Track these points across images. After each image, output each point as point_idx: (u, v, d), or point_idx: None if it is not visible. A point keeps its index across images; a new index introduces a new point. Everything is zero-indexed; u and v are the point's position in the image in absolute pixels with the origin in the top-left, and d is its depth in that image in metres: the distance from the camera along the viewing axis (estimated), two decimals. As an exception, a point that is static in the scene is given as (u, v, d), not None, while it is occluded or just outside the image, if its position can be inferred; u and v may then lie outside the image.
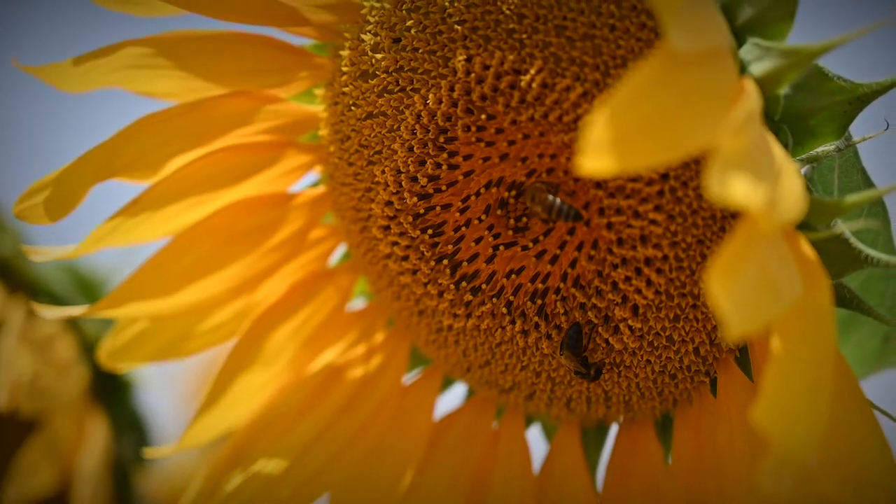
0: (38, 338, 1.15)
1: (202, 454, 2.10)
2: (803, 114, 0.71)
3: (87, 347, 1.19)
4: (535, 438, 0.90)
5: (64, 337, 1.17)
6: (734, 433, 0.73)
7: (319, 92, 0.84)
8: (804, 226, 0.69)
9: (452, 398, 0.92)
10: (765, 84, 0.67)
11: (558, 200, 0.72)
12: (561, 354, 0.77)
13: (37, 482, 1.15)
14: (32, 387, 1.11)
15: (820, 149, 0.73)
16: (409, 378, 0.91)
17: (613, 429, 0.86)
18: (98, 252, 0.86)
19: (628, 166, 0.52)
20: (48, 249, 0.85)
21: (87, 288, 1.26)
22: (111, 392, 1.21)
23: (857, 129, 0.73)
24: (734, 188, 0.52)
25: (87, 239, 0.83)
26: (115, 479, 1.21)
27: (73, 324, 1.19)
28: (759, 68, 0.68)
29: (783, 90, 0.69)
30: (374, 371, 0.89)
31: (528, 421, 0.89)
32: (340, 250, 0.91)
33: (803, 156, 0.73)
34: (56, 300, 1.20)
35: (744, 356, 0.76)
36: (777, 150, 0.62)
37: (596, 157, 0.52)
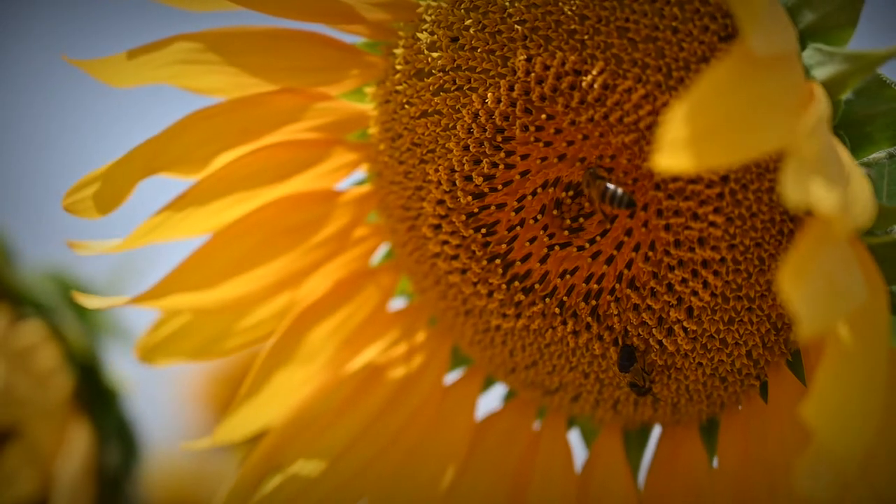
0: (18, 347, 1.14)
1: (197, 461, 2.09)
2: (861, 120, 0.71)
3: (72, 356, 1.19)
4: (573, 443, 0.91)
5: (46, 346, 1.16)
6: (785, 437, 0.74)
7: (370, 90, 0.84)
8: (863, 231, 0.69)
9: (490, 400, 0.92)
10: (828, 89, 0.68)
11: (613, 186, 0.73)
12: (626, 373, 0.77)
13: (16, 490, 1.14)
14: (6, 397, 1.10)
15: (872, 155, 0.74)
16: (449, 378, 0.91)
17: (655, 431, 0.86)
18: (98, 257, 0.86)
19: (705, 164, 0.53)
20: (93, 244, 0.84)
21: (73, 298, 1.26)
22: (97, 400, 1.21)
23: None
24: (810, 192, 0.53)
25: (134, 233, 0.83)
26: (104, 487, 1.20)
27: (57, 332, 1.18)
28: (822, 73, 0.68)
29: (845, 95, 0.70)
30: (416, 371, 0.89)
31: (570, 423, 0.89)
32: (382, 250, 0.91)
33: (857, 162, 0.73)
34: (41, 309, 1.20)
35: (796, 360, 0.76)
36: (845, 155, 0.63)
37: (673, 155, 0.52)
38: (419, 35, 0.79)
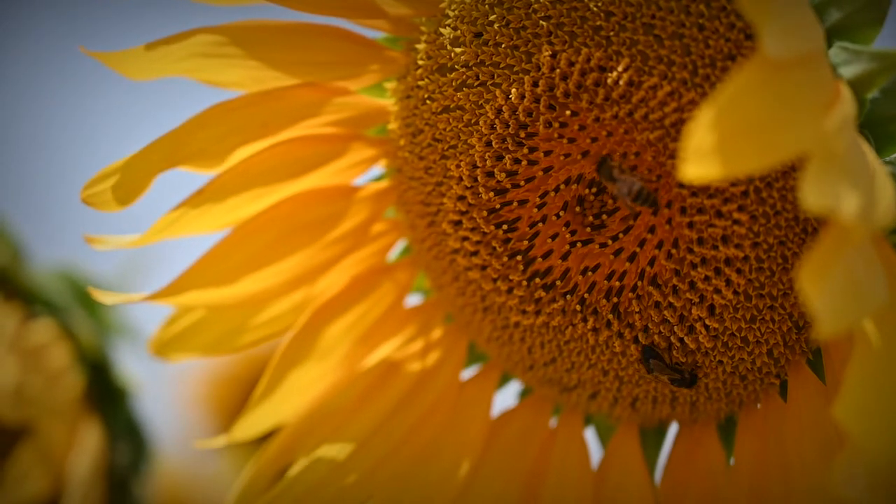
0: (30, 346, 1.14)
1: (215, 462, 2.09)
2: (886, 118, 0.71)
3: (83, 355, 1.18)
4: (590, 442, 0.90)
5: (58, 345, 1.16)
6: (804, 436, 0.74)
7: (390, 85, 0.84)
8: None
9: (505, 397, 0.92)
10: (854, 88, 0.68)
11: (639, 184, 0.72)
12: (652, 373, 0.77)
13: (27, 490, 1.14)
14: (18, 395, 1.10)
15: (895, 154, 0.74)
16: (465, 375, 0.91)
17: (672, 430, 0.86)
18: (107, 255, 0.86)
19: (732, 171, 0.52)
20: (110, 238, 0.84)
21: (84, 296, 1.26)
22: (108, 399, 1.21)
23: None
24: (829, 194, 0.53)
25: (151, 228, 0.83)
26: (112, 487, 1.20)
27: (68, 332, 1.18)
28: (849, 72, 0.68)
29: (871, 94, 0.70)
30: (432, 367, 0.89)
31: (586, 421, 0.89)
32: (399, 246, 0.91)
33: (881, 161, 0.73)
34: (52, 308, 1.19)
35: (816, 359, 0.76)
36: (870, 154, 0.63)
37: (699, 163, 0.52)
38: (442, 30, 0.79)
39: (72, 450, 1.16)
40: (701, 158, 0.52)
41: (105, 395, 1.20)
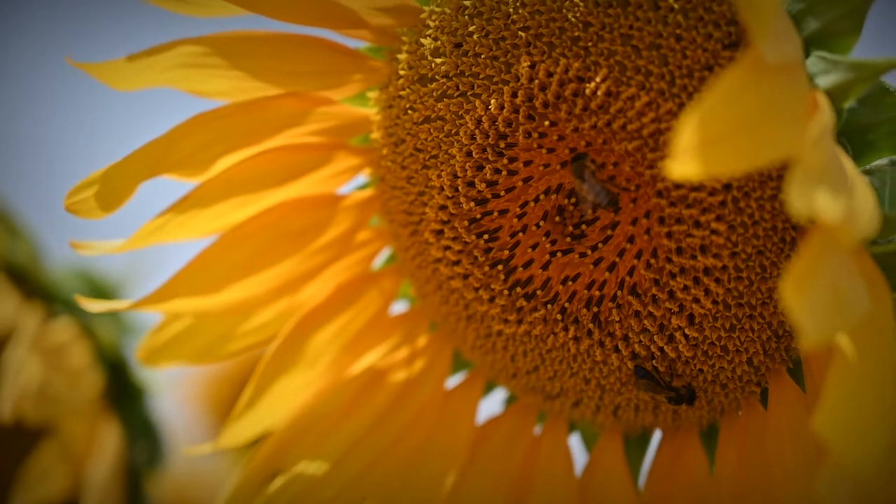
0: (51, 345, 1.15)
1: (216, 461, 2.10)
2: (863, 127, 0.72)
3: (102, 354, 1.19)
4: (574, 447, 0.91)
5: (78, 344, 1.17)
6: (784, 443, 0.74)
7: (373, 95, 0.84)
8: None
9: (491, 404, 0.92)
10: (832, 97, 0.68)
11: (599, 185, 0.73)
12: (645, 391, 0.77)
13: (48, 488, 1.15)
14: (41, 395, 1.11)
15: (875, 163, 0.74)
16: (450, 383, 0.91)
17: (656, 437, 0.86)
18: (120, 255, 0.86)
19: (715, 171, 0.53)
20: (96, 244, 0.84)
21: (100, 294, 1.26)
22: (124, 398, 1.21)
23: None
24: (815, 201, 0.53)
25: (135, 235, 0.83)
26: (127, 486, 1.20)
27: (87, 330, 1.19)
28: (826, 81, 0.68)
29: (849, 104, 0.70)
30: (417, 375, 0.90)
31: (570, 428, 0.89)
32: (384, 254, 0.91)
33: (859, 169, 0.73)
34: (70, 307, 1.20)
35: (796, 368, 0.76)
36: (848, 164, 0.63)
37: (684, 162, 0.52)
38: (423, 41, 0.79)
39: (91, 449, 1.17)
40: (685, 157, 0.52)
41: (122, 394, 1.21)
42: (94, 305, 0.86)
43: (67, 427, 1.15)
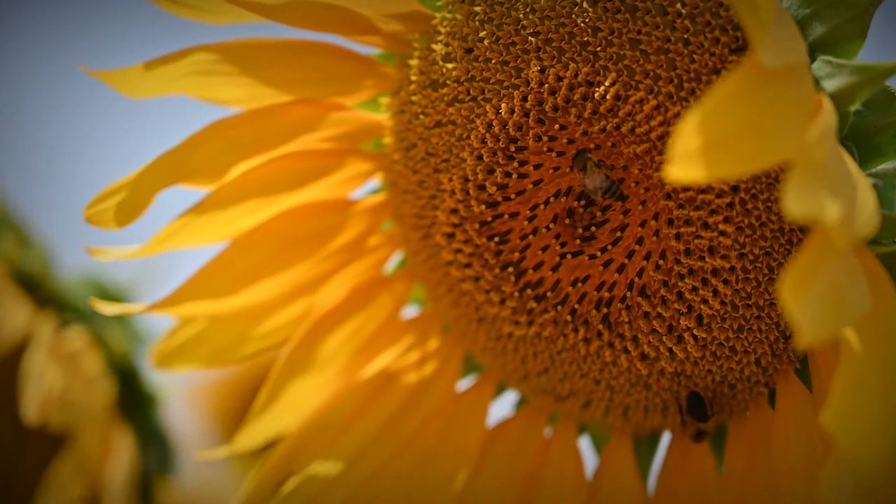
0: (66, 352, 1.15)
1: (226, 468, 2.10)
2: (869, 131, 0.72)
3: (113, 362, 1.20)
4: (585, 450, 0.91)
5: (91, 351, 1.17)
6: (791, 444, 0.75)
7: (385, 100, 0.85)
8: (871, 240, 0.70)
9: (502, 406, 0.93)
10: (837, 101, 0.69)
11: (599, 173, 0.74)
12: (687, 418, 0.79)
13: (67, 497, 1.15)
14: (62, 401, 1.11)
15: (881, 166, 0.74)
16: (461, 385, 0.92)
17: (665, 438, 0.87)
18: (128, 263, 0.87)
19: (716, 174, 0.54)
20: (111, 250, 0.85)
21: (112, 301, 1.27)
22: (136, 406, 1.22)
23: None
24: (811, 203, 0.54)
25: (152, 240, 0.84)
26: (138, 494, 1.21)
27: (99, 338, 1.20)
28: (831, 85, 0.69)
29: (854, 107, 0.71)
30: (428, 377, 0.90)
31: (580, 430, 0.90)
32: (396, 258, 0.92)
33: (866, 173, 0.74)
34: (82, 315, 1.21)
35: (804, 368, 0.77)
36: (852, 165, 0.64)
37: (684, 165, 0.53)
38: (434, 46, 0.80)
39: (106, 457, 1.17)
40: (685, 160, 0.53)
41: (133, 401, 1.22)
42: (108, 308, 0.87)
43: (84, 435, 1.15)
